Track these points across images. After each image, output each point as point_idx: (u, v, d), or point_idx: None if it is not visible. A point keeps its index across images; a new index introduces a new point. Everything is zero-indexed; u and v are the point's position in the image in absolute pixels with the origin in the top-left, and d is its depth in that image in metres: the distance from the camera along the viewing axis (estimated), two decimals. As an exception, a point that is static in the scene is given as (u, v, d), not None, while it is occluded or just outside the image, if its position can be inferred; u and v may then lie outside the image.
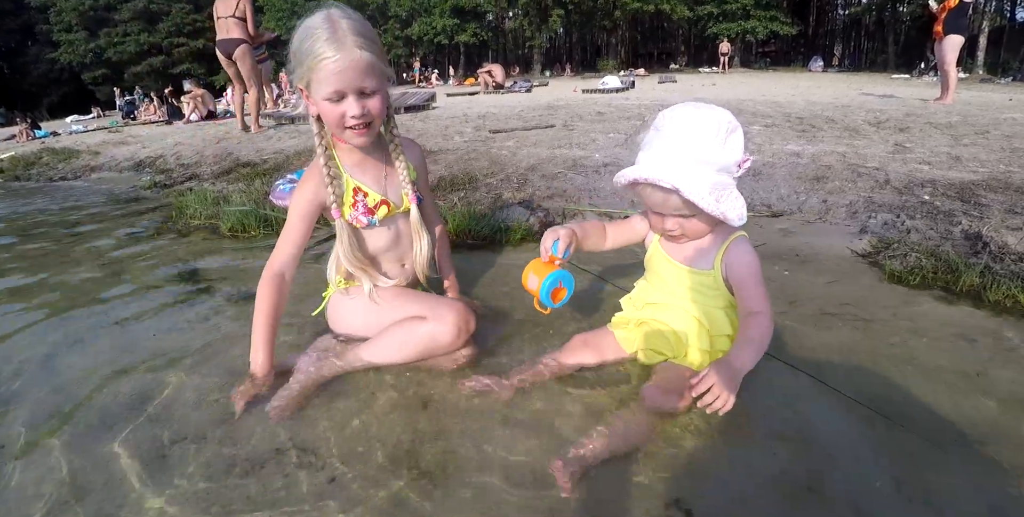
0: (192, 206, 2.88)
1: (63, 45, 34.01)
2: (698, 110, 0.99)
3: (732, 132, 0.99)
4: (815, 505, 0.85)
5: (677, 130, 0.98)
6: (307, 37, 1.07)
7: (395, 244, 1.35)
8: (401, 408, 1.13)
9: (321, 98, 1.09)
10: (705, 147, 0.96)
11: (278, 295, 1.20)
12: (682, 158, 0.97)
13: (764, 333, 1.02)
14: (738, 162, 1.01)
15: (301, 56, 1.08)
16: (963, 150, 3.24)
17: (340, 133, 1.17)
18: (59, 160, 5.88)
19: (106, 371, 1.33)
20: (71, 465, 1.01)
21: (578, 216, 2.43)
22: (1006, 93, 8.32)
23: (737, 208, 1.02)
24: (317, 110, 1.15)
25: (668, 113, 1.01)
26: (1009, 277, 1.54)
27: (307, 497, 0.90)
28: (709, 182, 0.98)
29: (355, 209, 1.25)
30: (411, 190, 1.31)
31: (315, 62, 1.05)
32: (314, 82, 1.09)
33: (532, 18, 27.79)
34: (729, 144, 0.99)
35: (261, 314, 1.18)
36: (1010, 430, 0.98)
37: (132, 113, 14.97)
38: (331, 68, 1.05)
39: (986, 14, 20.55)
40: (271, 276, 1.20)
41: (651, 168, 0.98)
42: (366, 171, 1.28)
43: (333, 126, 1.15)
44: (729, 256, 1.08)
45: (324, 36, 1.05)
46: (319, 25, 1.06)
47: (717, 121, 0.97)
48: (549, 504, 0.87)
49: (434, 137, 4.62)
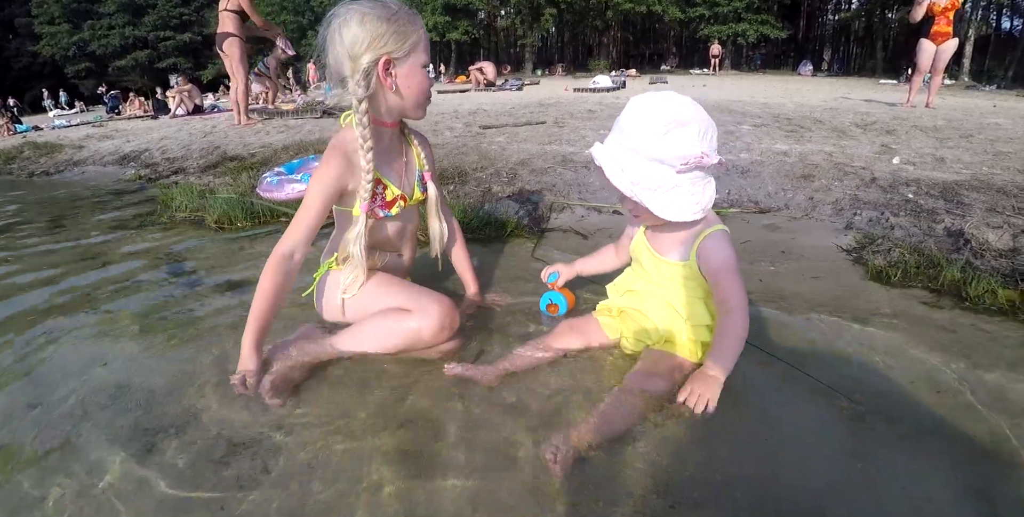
0: (178, 199, 2.84)
1: (45, 38, 33.37)
2: (651, 101, 0.99)
3: (682, 126, 0.97)
4: (798, 490, 0.86)
5: (623, 116, 1.01)
6: (393, 12, 1.09)
7: (399, 237, 1.35)
8: (387, 394, 1.12)
9: (420, 65, 1.15)
10: (639, 136, 0.98)
11: (283, 277, 1.14)
12: (616, 142, 1.03)
13: (740, 334, 1.05)
14: (684, 157, 0.98)
15: (403, 26, 1.10)
16: (947, 152, 3.30)
17: (420, 105, 1.21)
18: (41, 154, 5.77)
19: (88, 364, 1.30)
20: (52, 457, 0.99)
21: (567, 210, 2.43)
22: (990, 99, 8.49)
23: (677, 205, 1.01)
24: (398, 82, 1.13)
25: (632, 98, 1.02)
26: (989, 272, 1.57)
27: (289, 483, 0.89)
28: (637, 169, 1.00)
29: (373, 201, 1.23)
30: (427, 177, 1.33)
31: (420, 31, 1.13)
32: (415, 53, 1.13)
33: (524, 17, 27.79)
34: (672, 137, 0.97)
35: (262, 296, 1.13)
36: (988, 419, 1.00)
37: (116, 108, 14.70)
38: (427, 38, 1.15)
39: (972, 22, 20.92)
40: (280, 258, 1.14)
41: (595, 147, 1.06)
42: (387, 163, 1.27)
43: (422, 95, 1.18)
44: (703, 248, 1.08)
45: (410, 10, 1.13)
46: (392, 1, 1.11)
47: (664, 113, 0.97)
48: (539, 489, 0.87)
49: (424, 132, 4.58)
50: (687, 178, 1.01)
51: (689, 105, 0.99)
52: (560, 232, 2.19)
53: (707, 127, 0.99)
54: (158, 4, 33.50)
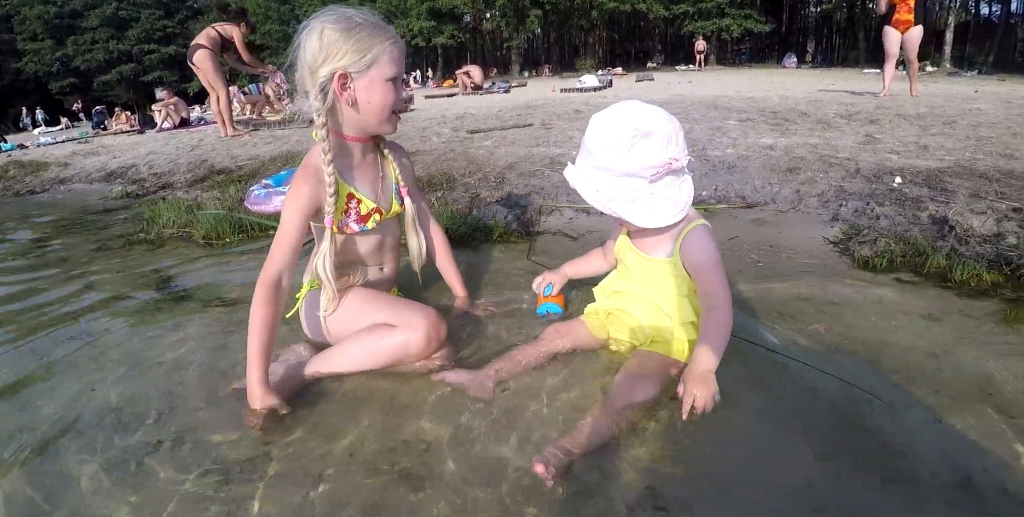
0: (165, 215, 2.82)
1: (28, 54, 33.13)
2: (611, 117, 1.00)
3: (646, 136, 0.97)
4: (796, 488, 0.86)
5: (586, 137, 1.03)
6: (355, 24, 1.08)
7: (378, 250, 1.34)
8: (377, 408, 1.12)
9: (384, 79, 1.12)
10: (604, 155, 1.00)
11: (274, 306, 1.12)
12: (585, 163, 1.05)
13: (726, 329, 1.06)
14: (653, 167, 0.99)
15: (363, 40, 1.07)
16: (931, 139, 3.32)
17: (384, 120, 1.17)
18: (27, 173, 5.72)
19: (75, 384, 1.29)
20: (42, 481, 0.98)
21: (555, 212, 2.44)
22: (972, 85, 8.57)
23: (655, 211, 1.03)
24: (357, 96, 1.11)
25: (592, 116, 1.03)
26: (974, 258, 1.58)
27: (285, 503, 0.89)
28: (610, 186, 1.02)
29: (347, 216, 1.22)
30: (403, 192, 1.32)
31: (388, 44, 1.09)
32: (378, 65, 1.10)
33: (510, 19, 27.83)
34: (637, 150, 0.98)
35: (256, 328, 1.09)
36: (975, 402, 1.01)
37: (102, 123, 14.59)
38: (396, 51, 1.11)
39: (952, 9, 21.12)
40: (268, 286, 1.12)
41: (568, 170, 1.09)
42: (360, 176, 1.25)
43: (385, 110, 1.15)
44: (686, 244, 1.09)
45: (377, 22, 1.11)
46: (359, 14, 1.10)
47: (623, 129, 0.97)
48: (531, 496, 0.86)
49: (412, 139, 4.59)
50: (661, 185, 1.02)
51: (649, 113, 0.99)
52: (549, 235, 2.20)
53: (671, 132, 0.99)
54: (141, 17, 33.34)
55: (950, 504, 0.81)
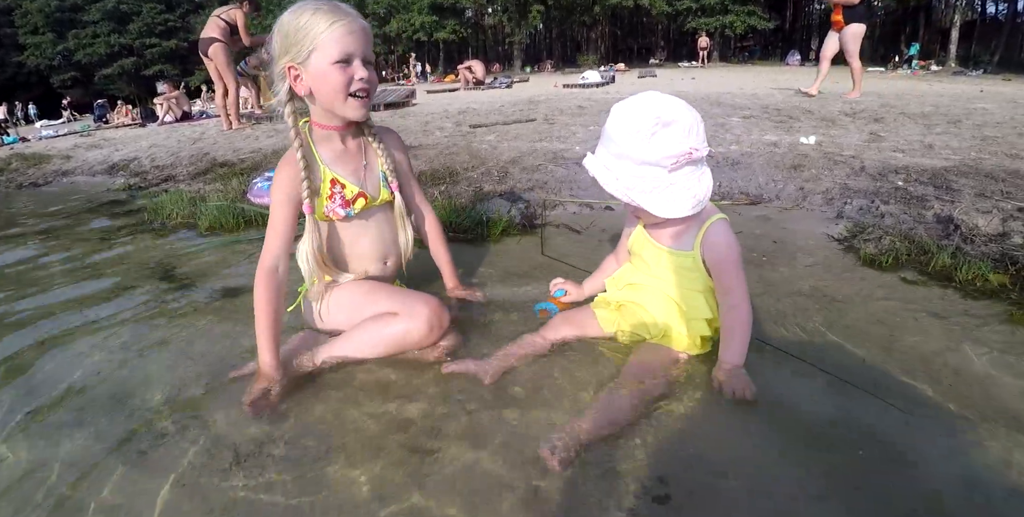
0: (168, 207, 2.82)
1: (29, 48, 33.04)
2: (632, 106, 1.00)
3: (666, 126, 0.98)
4: (797, 479, 0.86)
5: (607, 124, 1.03)
6: (304, 12, 1.09)
7: (377, 241, 1.33)
8: (383, 396, 1.12)
9: (330, 63, 1.10)
10: (625, 143, 1.00)
11: (274, 292, 1.17)
12: (605, 151, 1.05)
13: (747, 326, 1.08)
14: (673, 156, 0.99)
15: (300, 29, 1.09)
16: (936, 138, 3.31)
17: (341, 104, 1.16)
18: (29, 165, 5.71)
19: (83, 373, 1.30)
20: (49, 467, 0.98)
21: (559, 207, 2.43)
22: (977, 85, 8.54)
23: (674, 202, 1.03)
24: (310, 86, 1.14)
25: (614, 106, 1.03)
26: (979, 258, 1.58)
27: (291, 489, 0.89)
28: (629, 175, 1.02)
29: (332, 201, 1.23)
30: (392, 179, 1.31)
31: (324, 27, 1.08)
32: (320, 49, 1.09)
33: (512, 14, 27.72)
34: (658, 139, 0.98)
35: (261, 313, 1.15)
36: (980, 401, 1.01)
37: (104, 116, 14.57)
38: (342, 30, 1.08)
39: (957, 8, 21.00)
40: (264, 273, 1.17)
41: (587, 159, 1.08)
42: (344, 163, 1.26)
43: (337, 94, 1.13)
44: (708, 239, 1.08)
45: (326, 8, 1.09)
46: (316, 2, 1.10)
47: (644, 117, 0.98)
48: (538, 484, 0.87)
49: (414, 133, 4.59)
50: (681, 175, 1.02)
51: (670, 104, 0.99)
52: (553, 228, 2.19)
53: (692, 122, 0.99)
54: (143, 11, 33.22)
55: (951, 502, 0.81)
